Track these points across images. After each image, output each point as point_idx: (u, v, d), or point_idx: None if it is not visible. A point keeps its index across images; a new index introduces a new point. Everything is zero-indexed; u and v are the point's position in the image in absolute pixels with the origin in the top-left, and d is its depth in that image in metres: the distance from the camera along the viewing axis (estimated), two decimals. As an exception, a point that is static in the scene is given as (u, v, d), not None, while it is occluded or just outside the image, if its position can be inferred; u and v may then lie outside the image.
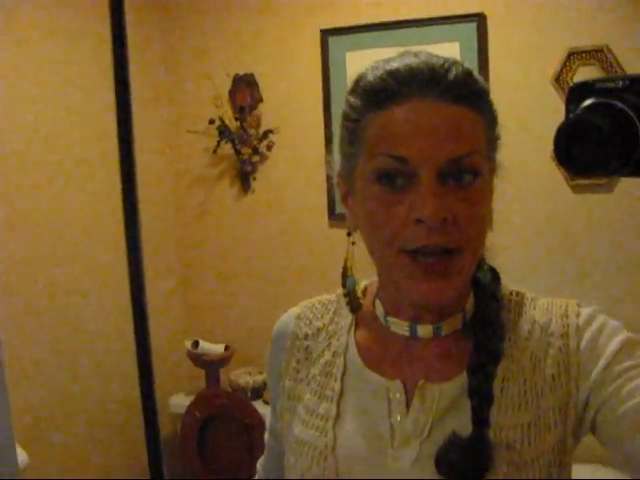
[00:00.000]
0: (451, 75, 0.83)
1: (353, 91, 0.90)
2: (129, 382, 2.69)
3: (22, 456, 2.19)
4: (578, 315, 0.91)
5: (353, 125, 0.89)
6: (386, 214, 0.84)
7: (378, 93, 0.85)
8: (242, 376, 3.08)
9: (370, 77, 0.87)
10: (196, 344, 3.10)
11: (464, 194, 0.83)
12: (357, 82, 0.89)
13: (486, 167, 0.86)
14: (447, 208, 0.81)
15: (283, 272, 3.18)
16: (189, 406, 3.06)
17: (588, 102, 0.73)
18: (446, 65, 0.84)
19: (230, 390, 3.08)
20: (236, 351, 3.12)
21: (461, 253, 0.84)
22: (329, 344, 1.02)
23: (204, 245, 3.34)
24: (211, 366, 3.08)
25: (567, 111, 0.75)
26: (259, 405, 2.94)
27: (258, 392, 3.05)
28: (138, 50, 3.13)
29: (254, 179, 3.18)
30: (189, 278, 3.40)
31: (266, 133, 3.10)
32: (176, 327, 3.37)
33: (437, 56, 0.86)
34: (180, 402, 3.16)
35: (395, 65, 0.85)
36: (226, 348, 3.14)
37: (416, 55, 0.86)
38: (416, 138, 0.82)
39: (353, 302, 1.01)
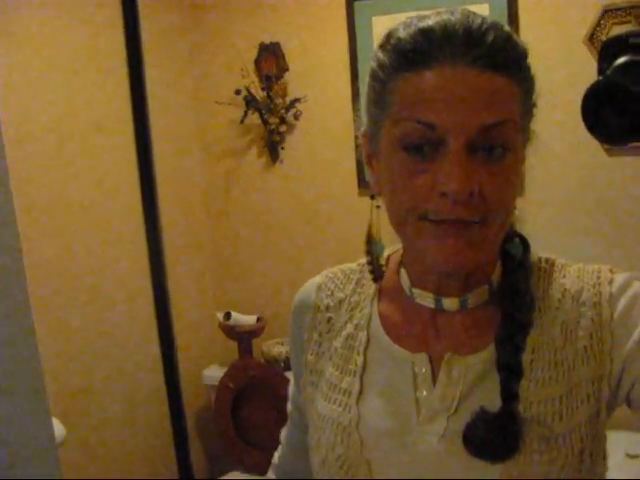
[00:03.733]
0: (488, 39, 0.77)
1: (382, 47, 0.85)
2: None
3: (60, 429, 2.21)
4: (611, 282, 0.87)
5: (380, 86, 0.84)
6: (409, 184, 0.80)
7: (408, 54, 0.80)
8: (275, 347, 3.08)
9: (402, 34, 0.82)
10: (228, 316, 3.10)
11: (493, 168, 0.79)
12: (388, 38, 0.84)
13: (519, 140, 0.82)
14: (474, 182, 0.77)
15: (313, 241, 3.16)
16: (222, 378, 3.07)
17: (621, 60, 0.68)
18: (484, 27, 0.78)
19: (263, 361, 3.09)
20: (268, 322, 3.12)
21: (484, 224, 0.80)
22: (351, 316, 0.99)
23: (234, 217, 3.33)
24: (244, 337, 3.09)
25: (599, 70, 0.71)
26: (292, 375, 2.93)
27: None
28: (163, 23, 3.11)
29: (282, 149, 3.15)
30: (220, 250, 3.40)
31: (293, 102, 3.06)
32: (208, 299, 3.39)
33: (475, 15, 0.80)
34: (214, 374, 3.17)
35: (429, 23, 0.80)
36: (258, 319, 3.14)
37: (452, 13, 0.80)
38: (446, 104, 0.77)
39: (377, 270, 0.97)
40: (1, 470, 0.93)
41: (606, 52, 0.71)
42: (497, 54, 0.78)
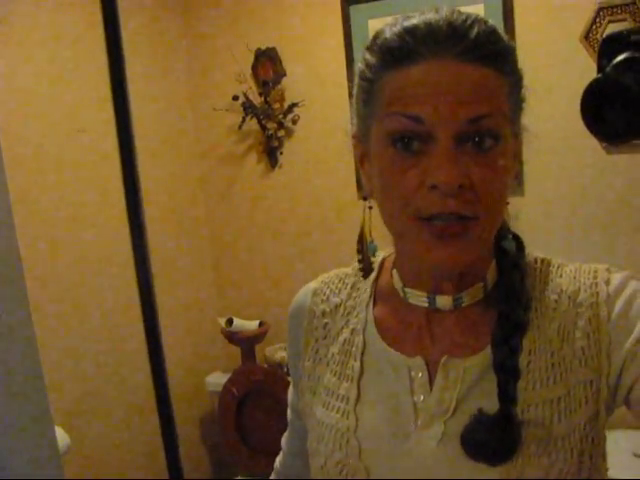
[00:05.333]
0: (473, 33, 0.78)
1: (369, 48, 0.85)
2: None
3: (64, 439, 2.21)
4: (608, 282, 0.87)
5: (368, 85, 0.84)
6: (400, 179, 0.80)
7: (394, 51, 0.80)
8: (277, 351, 3.07)
9: (387, 34, 0.82)
10: (230, 322, 3.10)
11: (483, 159, 0.78)
12: (374, 39, 0.85)
13: (508, 131, 0.81)
14: (464, 174, 0.77)
15: (314, 246, 3.16)
16: (226, 384, 3.07)
17: (621, 57, 0.68)
18: (468, 22, 0.79)
19: (266, 366, 3.08)
20: (270, 327, 3.12)
21: (477, 220, 0.79)
22: (347, 321, 0.99)
23: (234, 222, 3.33)
24: (246, 343, 3.09)
25: (599, 67, 0.70)
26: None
27: (294, 367, 3.04)
28: (159, 30, 3.11)
29: (281, 154, 3.15)
30: (220, 256, 3.40)
31: (291, 107, 3.06)
32: (209, 306, 3.38)
33: (459, 12, 0.80)
34: (217, 380, 3.17)
35: (414, 22, 0.80)
36: (260, 324, 3.14)
37: (437, 11, 0.80)
38: (433, 97, 0.77)
39: (367, 266, 0.97)
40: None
41: (606, 49, 0.70)
42: (482, 46, 0.78)
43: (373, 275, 1.01)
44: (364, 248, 0.96)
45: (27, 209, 2.47)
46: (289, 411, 1.12)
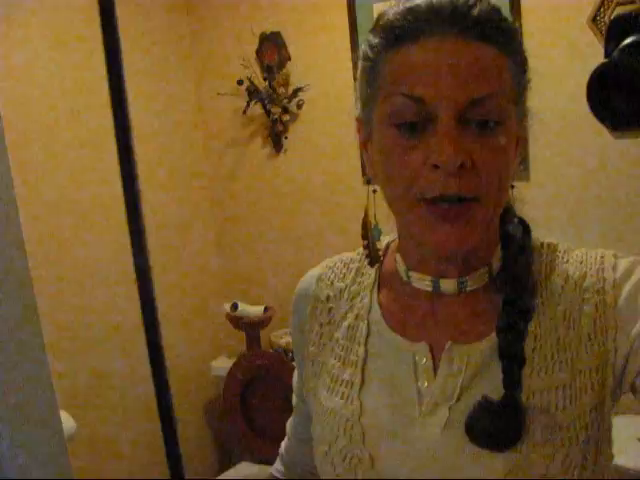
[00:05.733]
0: (475, 11, 0.77)
1: (373, 29, 0.85)
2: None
3: (70, 423, 2.22)
4: (615, 268, 0.86)
5: (370, 65, 0.84)
6: (402, 160, 0.79)
7: (396, 30, 0.80)
8: (283, 337, 3.08)
9: (390, 15, 0.82)
10: (235, 307, 3.10)
11: (485, 139, 0.78)
12: (377, 20, 0.85)
13: (512, 112, 0.81)
14: (465, 153, 0.76)
15: (319, 231, 3.15)
16: (231, 369, 3.08)
17: (629, 40, 0.66)
18: (470, 1, 0.78)
19: (271, 351, 3.09)
20: (276, 312, 3.12)
21: (479, 202, 0.79)
22: (352, 306, 0.98)
23: (239, 207, 3.33)
24: (251, 328, 3.09)
25: (606, 50, 0.69)
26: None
27: (299, 352, 3.05)
28: (163, 15, 3.10)
29: (286, 138, 3.14)
30: (225, 241, 3.40)
31: (295, 91, 3.05)
32: (214, 290, 3.39)
33: None
34: (222, 365, 3.18)
35: (416, 2, 0.79)
36: (265, 309, 3.14)
37: None
38: (434, 77, 0.76)
39: (373, 254, 0.96)
40: (11, 468, 0.93)
41: (613, 32, 0.68)
42: (485, 25, 0.78)
43: None
44: (369, 234, 0.95)
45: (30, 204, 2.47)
46: (294, 396, 1.12)
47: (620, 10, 2.49)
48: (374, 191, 0.92)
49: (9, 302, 0.92)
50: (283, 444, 1.18)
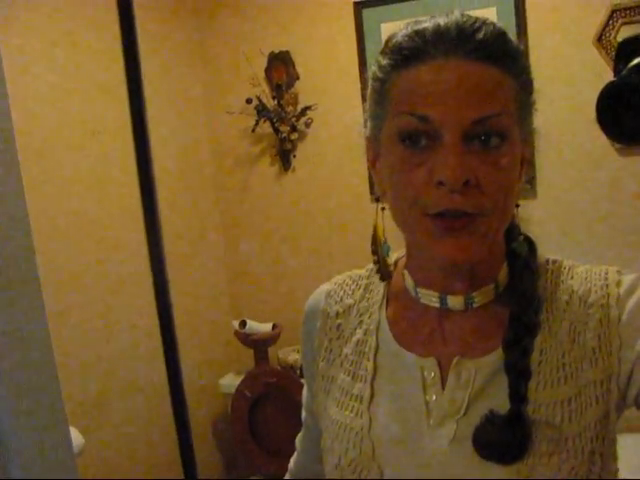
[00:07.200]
0: (480, 34, 0.80)
1: (382, 51, 0.88)
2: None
3: (78, 439, 2.23)
4: (619, 284, 0.88)
5: (379, 85, 0.87)
6: (408, 176, 0.82)
7: (404, 51, 0.83)
8: (291, 354, 3.09)
9: (399, 37, 0.85)
10: (244, 324, 3.11)
11: (489, 157, 0.80)
12: (387, 42, 0.88)
13: (516, 131, 0.83)
14: (470, 170, 0.78)
15: (327, 248, 3.17)
16: (239, 386, 3.08)
17: (637, 61, 0.68)
18: (476, 24, 0.81)
19: (279, 368, 3.09)
20: (284, 329, 3.13)
21: (483, 217, 0.81)
22: (361, 321, 1.00)
23: (247, 224, 3.35)
24: (259, 345, 3.10)
25: (615, 70, 0.71)
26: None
27: (307, 369, 3.05)
28: (173, 34, 3.14)
29: (294, 157, 3.16)
30: (234, 258, 3.42)
31: (304, 110, 3.08)
32: (223, 307, 3.40)
33: (469, 16, 0.83)
34: (230, 382, 3.18)
35: (424, 25, 0.83)
36: (274, 327, 3.15)
37: (447, 15, 0.83)
38: (440, 97, 0.79)
39: (383, 270, 0.99)
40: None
41: (622, 52, 0.71)
42: (490, 47, 0.80)
43: None
44: (378, 250, 0.97)
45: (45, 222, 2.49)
46: (303, 411, 1.13)
47: (625, 29, 2.51)
48: (382, 209, 0.94)
49: (21, 320, 0.93)
50: (292, 459, 1.19)
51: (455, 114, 0.78)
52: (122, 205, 2.78)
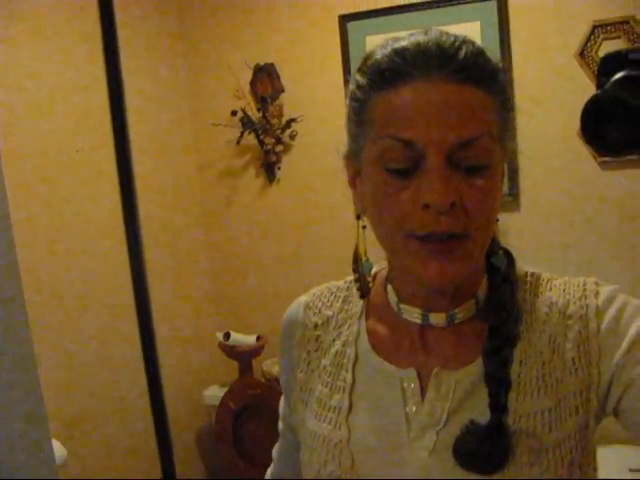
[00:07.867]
0: (461, 54, 0.79)
1: (360, 69, 0.87)
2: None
3: (61, 451, 2.22)
4: (597, 295, 0.88)
5: (359, 105, 0.86)
6: (393, 199, 0.81)
7: (384, 72, 0.82)
8: (275, 366, 3.08)
9: (378, 55, 0.84)
10: (228, 336, 3.10)
11: (473, 179, 0.80)
12: (365, 60, 0.87)
13: (498, 151, 0.83)
14: (455, 193, 0.78)
15: (311, 261, 3.17)
16: (223, 397, 3.07)
17: (619, 75, 0.70)
18: (456, 44, 0.80)
19: (263, 380, 3.09)
20: (268, 341, 3.12)
21: (468, 238, 0.81)
22: (339, 333, 1.00)
23: (232, 237, 3.34)
24: (243, 357, 3.09)
25: (598, 84, 0.72)
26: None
27: (291, 381, 3.05)
28: (158, 43, 3.14)
29: (279, 169, 3.17)
30: (218, 270, 3.41)
31: (289, 122, 3.09)
32: (207, 319, 3.39)
33: (447, 34, 0.82)
34: (214, 394, 3.18)
35: (403, 44, 0.82)
36: (258, 338, 3.14)
37: (426, 33, 0.82)
38: (423, 120, 0.78)
39: (364, 287, 0.99)
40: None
41: (605, 67, 0.72)
42: (471, 67, 0.80)
43: None
44: (359, 267, 0.97)
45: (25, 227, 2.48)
46: (280, 422, 1.13)
47: (606, 44, 2.55)
48: (364, 227, 0.94)
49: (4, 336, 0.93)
50: (269, 469, 1.18)
51: (439, 137, 0.78)
52: (104, 224, 2.77)
